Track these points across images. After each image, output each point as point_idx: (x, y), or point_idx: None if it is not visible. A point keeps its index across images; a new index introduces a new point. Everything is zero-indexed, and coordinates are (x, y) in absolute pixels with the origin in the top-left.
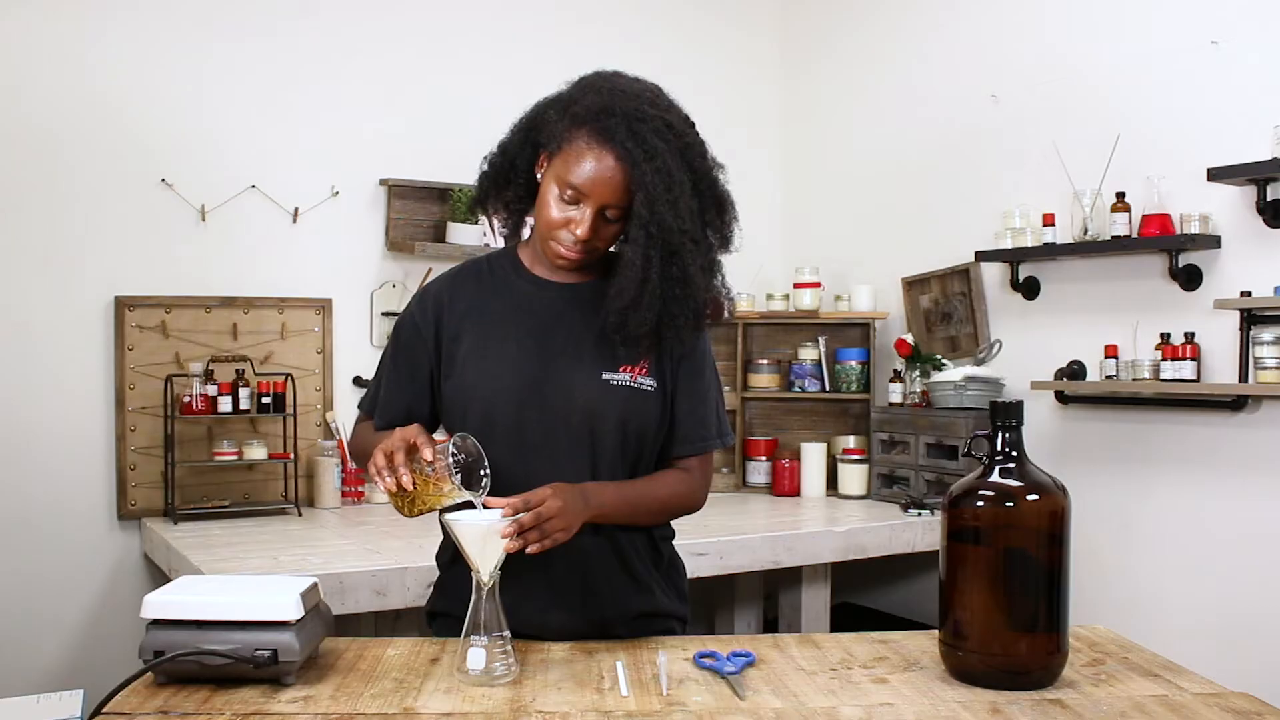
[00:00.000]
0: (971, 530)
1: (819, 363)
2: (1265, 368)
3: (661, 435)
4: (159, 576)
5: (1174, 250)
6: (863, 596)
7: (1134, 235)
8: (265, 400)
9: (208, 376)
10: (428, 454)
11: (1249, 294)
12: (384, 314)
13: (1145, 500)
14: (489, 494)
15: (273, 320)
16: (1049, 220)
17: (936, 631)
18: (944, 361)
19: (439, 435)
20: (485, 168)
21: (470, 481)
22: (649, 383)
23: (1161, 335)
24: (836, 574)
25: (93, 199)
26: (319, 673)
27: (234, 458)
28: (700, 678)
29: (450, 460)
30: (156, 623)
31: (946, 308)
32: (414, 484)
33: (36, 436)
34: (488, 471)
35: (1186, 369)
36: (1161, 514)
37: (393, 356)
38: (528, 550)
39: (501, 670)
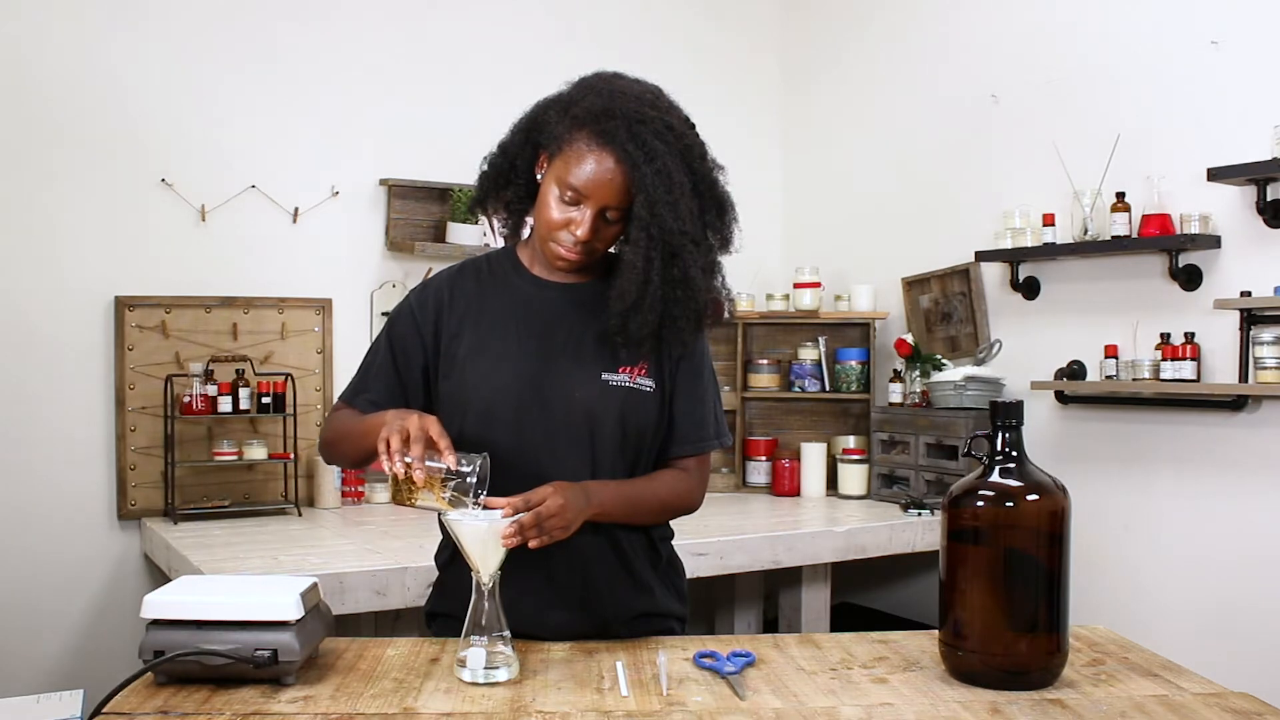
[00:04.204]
0: (971, 530)
1: (819, 363)
2: (1265, 368)
3: (660, 435)
4: (159, 576)
5: (1174, 250)
6: (863, 596)
7: (1134, 235)
8: (265, 400)
9: (208, 376)
10: (450, 461)
11: (1249, 294)
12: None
13: (1145, 500)
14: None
15: (273, 320)
16: (1049, 220)
17: (936, 631)
18: (944, 361)
19: None
20: (485, 168)
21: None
22: (648, 383)
23: (1161, 335)
24: (836, 574)
25: (93, 199)
26: (319, 673)
27: (234, 458)
28: (700, 678)
29: (473, 481)
30: (156, 623)
31: (946, 308)
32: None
33: (36, 436)
34: (485, 492)
35: (1186, 369)
36: (1161, 514)
37: (387, 348)
38: (528, 545)
39: (501, 670)
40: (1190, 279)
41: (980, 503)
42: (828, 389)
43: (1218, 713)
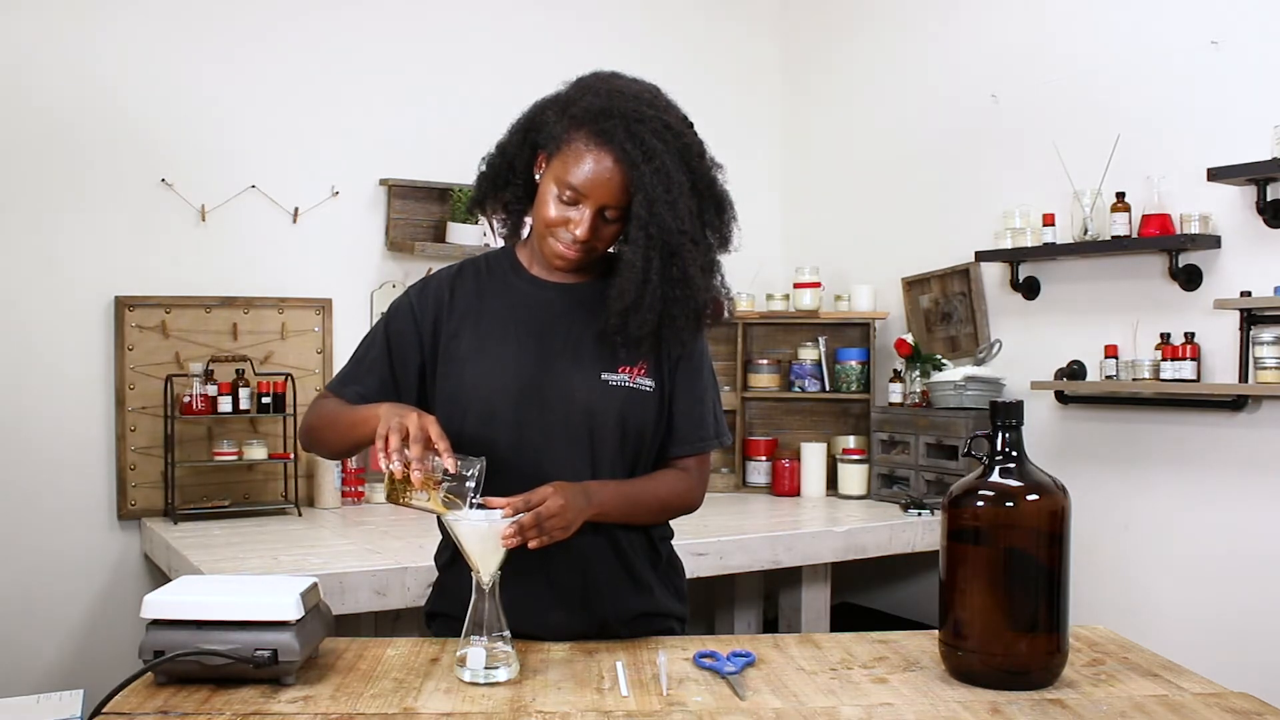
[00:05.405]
0: (971, 530)
1: (819, 363)
2: (1265, 368)
3: (660, 435)
4: (159, 576)
5: (1174, 250)
6: (863, 596)
7: (1134, 235)
8: (265, 400)
9: (208, 376)
10: (450, 464)
11: (1249, 294)
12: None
13: (1145, 500)
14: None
15: (273, 320)
16: (1049, 220)
17: (936, 631)
18: (944, 361)
19: None
20: (483, 168)
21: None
22: (647, 383)
23: (1161, 335)
24: (836, 574)
25: (93, 199)
26: (319, 673)
27: (234, 458)
28: (700, 678)
29: (472, 485)
30: (156, 623)
31: (946, 308)
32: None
33: (36, 437)
34: (480, 496)
35: (1186, 369)
36: (1161, 514)
37: (384, 342)
38: (528, 546)
39: (501, 670)
40: (1190, 279)
41: (980, 503)
42: (828, 389)
43: (1218, 713)
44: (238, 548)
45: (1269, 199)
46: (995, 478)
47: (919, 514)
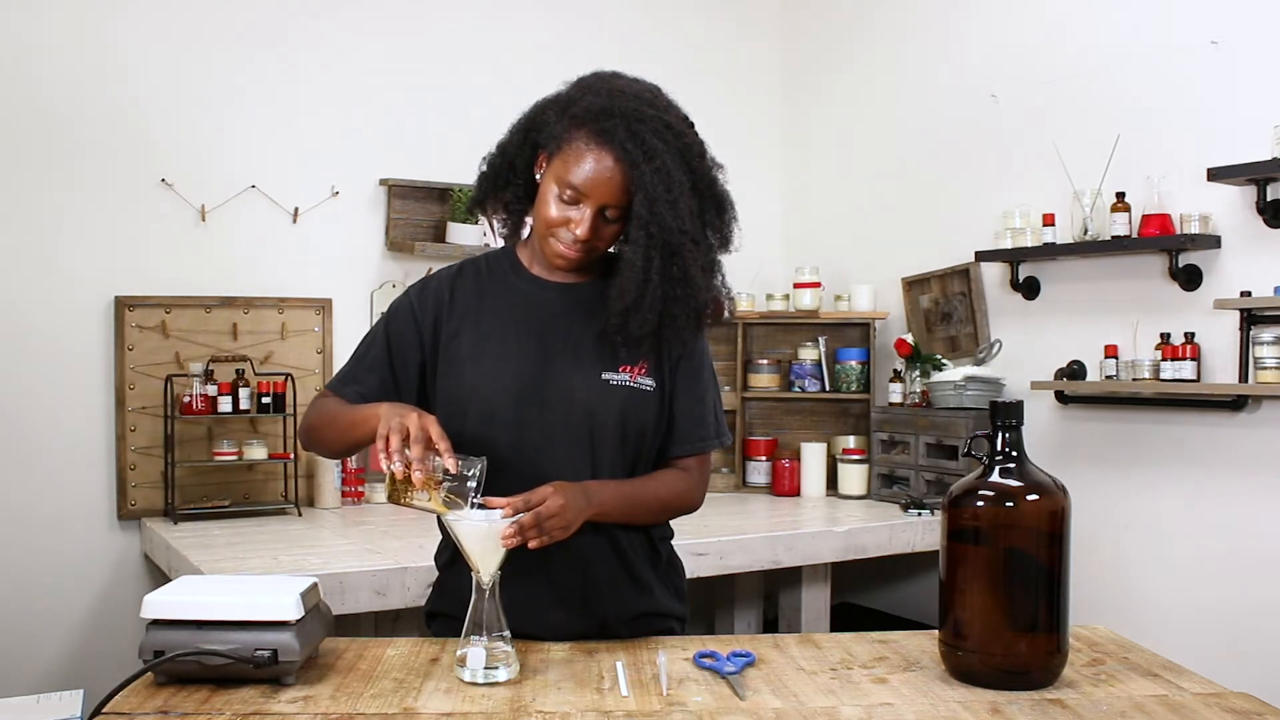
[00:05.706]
0: (971, 530)
1: (819, 363)
2: (1265, 368)
3: (660, 435)
4: (159, 576)
5: (1174, 250)
6: (863, 596)
7: (1134, 235)
8: (265, 400)
9: (208, 376)
10: (450, 464)
11: (1249, 294)
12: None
13: (1145, 500)
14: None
15: (273, 320)
16: (1049, 220)
17: (936, 631)
18: (944, 361)
19: None
20: (484, 168)
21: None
22: (648, 383)
23: (1161, 335)
24: (836, 574)
25: (93, 199)
26: (319, 673)
27: (234, 458)
28: (700, 678)
29: (473, 485)
30: (156, 623)
31: (946, 308)
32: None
33: (36, 436)
34: (481, 495)
35: (1186, 369)
36: (1161, 514)
37: (384, 342)
38: (528, 546)
39: (501, 670)
40: (1190, 279)
41: (980, 503)
42: (828, 389)
43: (1218, 713)
44: (238, 548)
45: (1269, 199)
46: (995, 478)
47: (919, 514)
